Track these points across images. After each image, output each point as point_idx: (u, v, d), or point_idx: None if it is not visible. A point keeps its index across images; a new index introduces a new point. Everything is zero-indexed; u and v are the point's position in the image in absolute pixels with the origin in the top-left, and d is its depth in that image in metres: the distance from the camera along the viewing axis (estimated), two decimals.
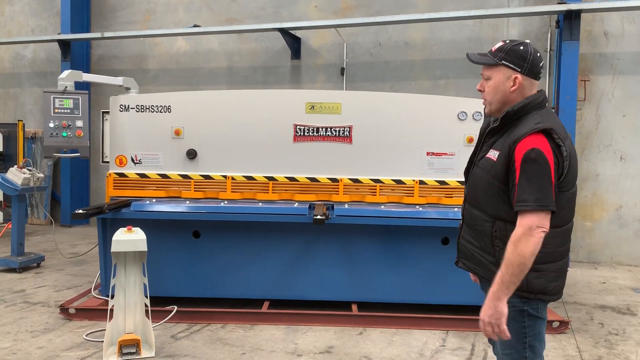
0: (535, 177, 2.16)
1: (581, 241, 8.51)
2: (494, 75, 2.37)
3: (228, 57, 10.19)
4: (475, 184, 2.43)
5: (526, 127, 2.24)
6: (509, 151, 2.24)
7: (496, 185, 2.31)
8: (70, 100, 5.34)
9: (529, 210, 2.16)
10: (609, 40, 8.30)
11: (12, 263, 6.78)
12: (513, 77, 2.33)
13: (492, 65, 2.37)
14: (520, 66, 2.32)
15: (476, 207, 2.42)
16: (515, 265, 2.15)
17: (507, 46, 2.35)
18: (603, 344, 4.66)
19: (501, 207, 2.30)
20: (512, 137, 2.26)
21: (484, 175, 2.36)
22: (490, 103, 2.41)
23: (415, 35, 9.19)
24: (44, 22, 11.41)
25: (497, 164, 2.30)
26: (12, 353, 4.16)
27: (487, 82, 2.41)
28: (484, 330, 2.25)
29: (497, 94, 2.37)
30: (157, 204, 5.13)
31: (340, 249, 5.19)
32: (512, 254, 2.16)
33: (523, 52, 2.33)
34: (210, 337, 4.60)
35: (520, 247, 2.14)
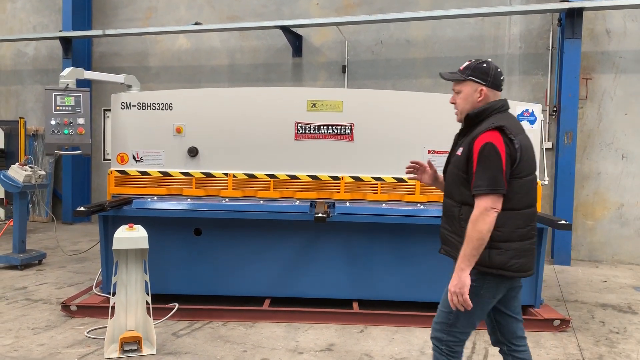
0: (488, 166, 2.58)
1: (582, 240, 8.51)
2: (463, 89, 2.81)
3: (230, 55, 10.18)
4: (449, 178, 2.86)
5: (484, 126, 2.68)
6: (469, 146, 2.67)
7: (460, 175, 2.73)
8: (71, 98, 5.35)
9: (483, 194, 2.58)
10: (611, 39, 8.29)
11: (14, 260, 6.79)
12: (479, 89, 2.77)
13: (462, 81, 2.81)
14: (484, 80, 2.77)
15: (449, 197, 2.86)
16: (475, 240, 2.55)
17: (473, 65, 2.80)
18: (604, 342, 4.66)
19: (464, 193, 2.72)
20: (473, 135, 2.70)
21: (453, 170, 2.80)
22: (461, 112, 2.84)
23: (417, 33, 9.17)
24: (46, 19, 11.41)
25: (462, 158, 2.72)
26: (13, 350, 4.17)
27: (458, 95, 2.84)
28: (451, 300, 2.62)
29: (467, 104, 2.81)
30: (159, 202, 5.14)
31: (342, 247, 5.19)
32: (471, 231, 2.57)
33: (486, 68, 2.78)
34: (212, 334, 4.61)
35: (478, 225, 2.55)
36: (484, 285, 2.68)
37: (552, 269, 7.53)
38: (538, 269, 5.12)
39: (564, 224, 4.41)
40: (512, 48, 8.78)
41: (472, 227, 2.57)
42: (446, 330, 2.78)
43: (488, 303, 2.76)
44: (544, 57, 8.61)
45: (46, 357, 4.04)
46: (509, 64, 8.79)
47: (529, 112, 5.23)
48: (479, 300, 2.67)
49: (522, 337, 2.96)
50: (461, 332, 2.79)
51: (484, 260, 2.61)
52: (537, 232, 2.85)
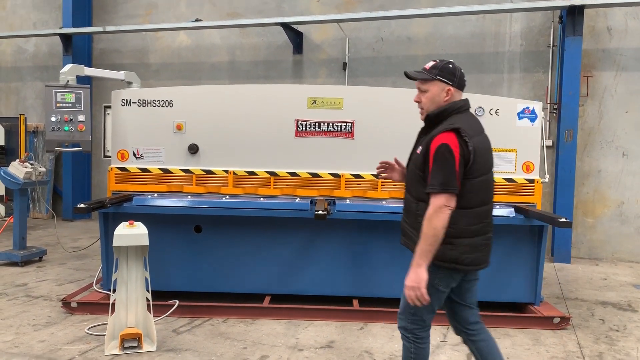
0: (442, 166, 2.69)
1: (582, 237, 8.51)
2: (430, 88, 2.88)
3: (230, 52, 10.17)
4: (409, 175, 2.98)
5: (442, 127, 2.78)
6: (427, 146, 2.78)
7: (417, 173, 2.85)
8: (72, 95, 5.34)
9: (437, 192, 2.70)
10: (612, 36, 8.28)
11: (14, 257, 6.80)
12: (446, 89, 2.86)
13: (429, 80, 2.88)
14: (451, 80, 2.87)
15: (408, 192, 2.99)
16: (430, 236, 2.68)
17: (440, 65, 2.88)
18: (604, 340, 4.67)
19: (420, 190, 2.83)
20: (431, 135, 2.80)
21: (412, 167, 2.93)
22: (427, 111, 2.92)
23: (417, 30, 9.16)
24: (46, 15, 11.40)
25: (420, 157, 2.84)
26: (14, 346, 4.18)
27: (423, 94, 2.91)
28: (408, 295, 2.72)
29: (433, 103, 2.89)
30: (159, 199, 5.14)
31: (342, 244, 5.20)
32: (427, 227, 2.69)
33: (452, 69, 2.88)
34: (212, 331, 4.62)
35: (433, 222, 2.68)
36: (437, 276, 2.82)
37: (552, 266, 7.54)
38: (538, 267, 5.13)
39: (565, 221, 4.40)
40: (513, 45, 8.77)
41: (427, 224, 2.70)
42: (410, 319, 2.93)
43: (443, 292, 2.91)
44: (544, 55, 8.60)
45: (47, 353, 4.05)
46: (510, 61, 8.78)
47: (529, 110, 5.22)
48: (434, 291, 2.82)
49: (475, 322, 3.06)
50: (423, 319, 2.94)
51: (438, 255, 2.73)
52: (492, 227, 2.99)
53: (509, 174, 5.24)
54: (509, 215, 4.97)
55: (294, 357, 4.10)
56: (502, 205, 5.15)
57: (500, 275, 5.18)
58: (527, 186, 5.24)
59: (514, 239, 5.13)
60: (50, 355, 4.02)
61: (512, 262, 5.17)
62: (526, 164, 5.24)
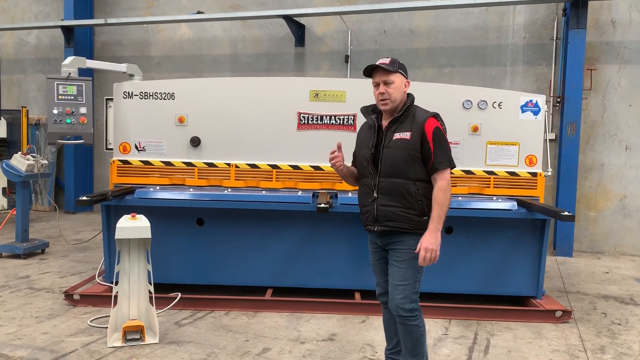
0: (444, 145, 3.16)
1: (585, 231, 8.50)
2: (396, 80, 3.21)
3: (232, 44, 10.14)
4: (394, 159, 3.16)
5: (422, 114, 3.21)
6: (421, 130, 3.13)
7: (416, 155, 3.14)
8: (73, 87, 5.33)
9: (446, 167, 3.13)
10: (616, 29, 8.23)
11: (17, 249, 6.82)
12: (405, 81, 3.28)
13: (394, 72, 3.20)
14: (407, 74, 3.30)
15: (397, 176, 3.17)
16: (446, 205, 3.11)
17: (396, 61, 3.24)
18: (606, 333, 4.67)
19: (420, 171, 3.16)
20: (418, 121, 3.17)
21: (403, 151, 3.15)
22: (394, 100, 3.22)
23: (420, 23, 9.12)
24: (47, 7, 11.38)
25: (413, 140, 3.14)
26: (17, 338, 4.19)
27: (389, 86, 3.20)
28: (424, 256, 3.05)
29: (399, 93, 3.23)
30: (161, 192, 5.14)
31: (344, 237, 5.20)
32: (443, 197, 3.09)
33: (404, 66, 3.31)
34: (214, 323, 4.63)
35: (447, 192, 3.11)
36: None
37: (554, 260, 7.54)
38: (540, 260, 5.12)
39: (567, 215, 4.39)
40: (516, 38, 8.73)
41: (443, 194, 3.10)
42: (414, 298, 3.20)
43: None
44: (548, 48, 8.56)
45: (49, 345, 4.06)
46: (513, 54, 8.74)
47: (532, 103, 5.20)
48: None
49: None
50: (419, 292, 3.25)
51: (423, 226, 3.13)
52: None
53: (511, 167, 5.22)
54: (512, 209, 4.96)
55: (296, 350, 4.11)
56: (504, 198, 5.14)
57: (502, 268, 5.18)
58: (529, 179, 5.23)
59: (516, 233, 5.13)
60: (53, 347, 4.03)
61: (514, 255, 5.16)
62: (529, 157, 5.23)
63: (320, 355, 4.02)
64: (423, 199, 3.15)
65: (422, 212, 3.15)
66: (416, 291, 3.21)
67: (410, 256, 3.16)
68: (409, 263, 3.17)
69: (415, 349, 3.25)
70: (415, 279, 3.19)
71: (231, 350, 4.07)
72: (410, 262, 3.17)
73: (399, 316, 3.20)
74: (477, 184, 5.21)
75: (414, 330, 3.21)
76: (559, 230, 8.09)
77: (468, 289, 5.22)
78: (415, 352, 3.26)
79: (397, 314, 3.20)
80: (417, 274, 3.21)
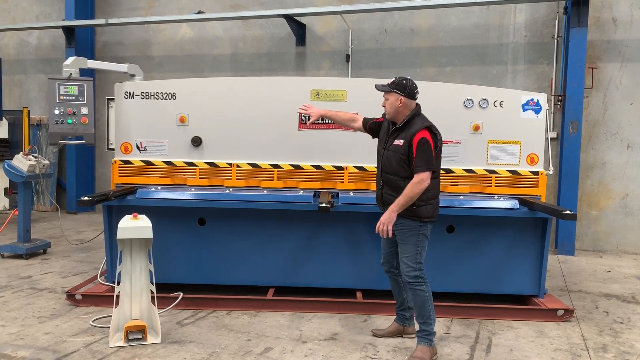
0: (423, 153, 3.84)
1: (587, 229, 8.50)
2: (389, 97, 4.00)
3: (233, 44, 10.14)
4: (390, 160, 4.00)
5: (416, 126, 3.92)
6: (410, 139, 3.88)
7: (405, 159, 3.91)
8: (75, 87, 5.33)
9: (421, 171, 3.83)
10: (618, 27, 8.22)
11: (19, 249, 6.83)
12: (400, 98, 3.95)
13: (388, 92, 4.00)
14: (403, 92, 3.95)
15: (393, 174, 3.99)
16: (409, 197, 3.83)
17: (396, 81, 3.99)
18: (608, 332, 4.67)
19: (407, 171, 3.91)
20: (410, 131, 3.90)
21: (396, 155, 3.95)
22: (389, 113, 4.04)
23: (421, 22, 9.11)
24: (48, 8, 11.38)
25: (404, 147, 3.90)
26: (19, 338, 4.20)
27: (386, 101, 4.04)
28: (379, 227, 3.92)
29: (392, 108, 4.00)
30: (163, 191, 5.14)
31: (345, 237, 5.20)
32: (409, 190, 3.83)
33: (404, 84, 3.96)
34: (216, 323, 4.63)
35: (413, 188, 3.82)
36: (427, 228, 3.99)
37: (556, 259, 7.53)
38: (542, 259, 5.12)
39: (569, 214, 4.39)
40: (517, 37, 8.72)
41: (410, 188, 3.82)
42: (417, 267, 3.96)
43: (428, 239, 4.02)
44: (549, 46, 8.55)
45: (52, 345, 4.07)
46: (514, 52, 8.73)
47: (534, 102, 5.20)
48: (424, 239, 3.99)
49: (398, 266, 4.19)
50: (422, 263, 3.99)
51: (424, 213, 3.91)
52: None
53: (513, 166, 5.22)
54: (513, 208, 4.95)
55: (298, 349, 4.11)
56: (506, 197, 5.14)
57: (504, 267, 5.18)
58: (531, 178, 5.23)
59: (517, 231, 5.13)
60: (55, 347, 4.04)
61: (516, 254, 5.16)
62: (530, 156, 5.22)
63: (322, 355, 4.02)
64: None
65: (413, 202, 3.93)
66: (418, 261, 3.95)
67: (407, 235, 3.96)
68: (407, 240, 3.97)
69: (422, 312, 3.96)
70: (415, 251, 3.95)
71: (233, 349, 4.07)
72: (409, 239, 3.96)
73: (406, 282, 3.99)
74: (478, 183, 5.20)
75: (419, 293, 3.95)
76: (560, 229, 8.08)
77: (470, 288, 5.22)
78: (422, 315, 3.97)
79: (405, 281, 4.01)
80: (417, 248, 3.95)
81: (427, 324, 3.97)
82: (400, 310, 4.38)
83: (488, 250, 5.15)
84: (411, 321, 4.32)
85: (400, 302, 4.35)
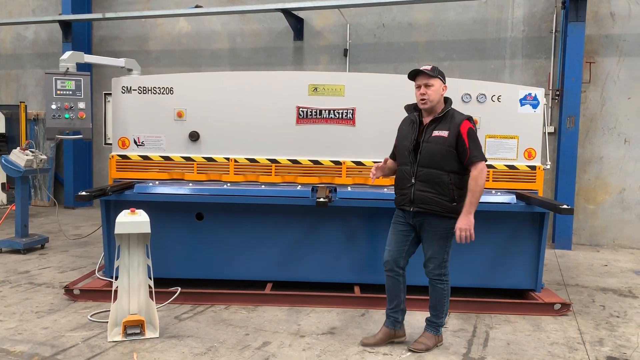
0: (477, 142, 3.76)
1: (584, 224, 8.52)
2: (435, 83, 3.79)
3: (230, 39, 10.11)
4: (432, 153, 3.76)
5: (458, 116, 3.80)
6: (457, 130, 3.73)
7: (452, 151, 3.73)
8: (72, 82, 5.32)
9: (479, 161, 3.71)
10: (615, 22, 8.21)
11: (17, 244, 6.82)
12: (443, 86, 3.86)
13: (434, 77, 3.79)
14: (444, 79, 3.87)
15: (434, 167, 3.76)
16: (478, 192, 3.70)
17: (436, 68, 3.84)
18: (604, 326, 4.69)
19: (454, 165, 3.75)
20: (455, 122, 3.76)
21: (441, 147, 3.74)
22: (432, 101, 3.80)
23: (419, 16, 9.09)
24: (45, 2, 11.33)
25: (450, 138, 3.73)
26: (17, 333, 4.20)
27: (429, 88, 3.78)
28: (460, 235, 3.69)
29: (437, 95, 3.81)
30: (160, 186, 5.14)
31: (343, 232, 5.20)
32: (475, 185, 3.69)
33: (443, 73, 3.87)
34: (214, 318, 4.64)
35: (479, 180, 3.70)
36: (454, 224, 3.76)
37: (553, 253, 7.55)
38: (539, 253, 5.13)
39: (566, 208, 4.40)
40: (515, 31, 8.71)
41: (475, 183, 3.69)
42: (444, 265, 3.90)
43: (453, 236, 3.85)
44: (547, 41, 8.54)
45: (50, 340, 4.07)
46: (512, 47, 8.72)
47: (531, 96, 5.20)
48: (452, 236, 3.82)
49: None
50: (448, 261, 3.93)
51: (454, 209, 3.75)
52: None
53: (510, 160, 5.23)
54: (510, 202, 4.96)
55: (296, 344, 4.12)
56: (503, 192, 5.15)
57: (501, 261, 5.19)
58: (528, 173, 5.23)
59: (515, 226, 5.14)
60: (53, 342, 4.04)
61: (513, 248, 5.17)
62: (528, 151, 5.23)
63: (320, 349, 4.03)
64: (454, 188, 3.75)
65: (452, 199, 3.75)
66: (444, 260, 3.90)
67: (440, 236, 3.83)
68: (439, 242, 3.84)
69: (437, 306, 3.99)
70: (444, 252, 3.87)
71: (231, 344, 4.08)
72: (439, 240, 3.84)
73: (431, 278, 3.95)
74: None
75: (439, 290, 3.95)
76: (557, 223, 8.11)
77: (467, 282, 5.23)
78: (436, 308, 4.00)
79: (429, 277, 3.96)
80: (446, 249, 3.88)
81: (439, 317, 4.02)
82: (393, 313, 4.10)
83: (485, 245, 5.16)
84: (402, 325, 4.13)
85: (395, 304, 4.08)
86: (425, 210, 3.80)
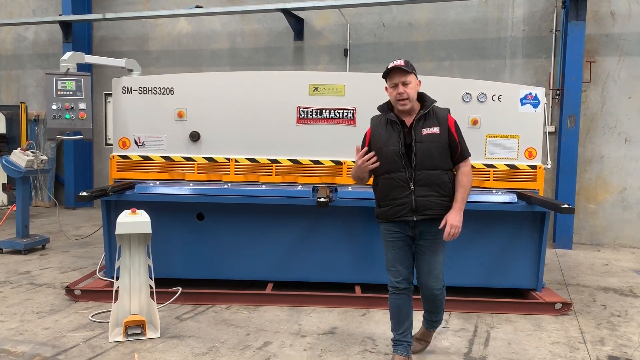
0: (462, 137, 3.61)
1: (584, 223, 8.52)
2: (412, 80, 3.50)
3: (231, 39, 10.11)
4: (429, 153, 3.46)
5: (440, 110, 3.59)
6: (446, 124, 3.52)
7: (446, 147, 3.52)
8: (72, 82, 5.32)
9: (469, 155, 3.61)
10: (616, 21, 8.21)
11: (18, 245, 6.83)
12: (418, 81, 3.59)
13: (409, 73, 3.48)
14: (417, 75, 3.57)
15: (433, 168, 3.48)
16: (469, 188, 3.55)
17: (409, 62, 3.53)
18: (605, 325, 4.68)
19: (449, 162, 3.56)
20: (441, 117, 3.55)
21: (435, 145, 3.48)
22: (412, 100, 3.51)
23: (419, 16, 9.09)
24: (45, 3, 11.33)
25: (442, 134, 3.50)
26: (19, 334, 4.20)
27: (407, 86, 3.48)
28: (450, 231, 3.41)
29: (415, 91, 3.54)
30: (161, 187, 5.14)
31: (344, 231, 5.20)
32: (468, 182, 3.54)
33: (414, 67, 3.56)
34: (215, 318, 4.64)
35: (470, 177, 3.57)
36: None
37: (554, 252, 7.55)
38: (540, 253, 5.13)
39: (567, 207, 4.40)
40: (516, 31, 8.71)
41: (467, 179, 3.54)
42: (442, 277, 3.65)
43: None
44: (547, 40, 8.54)
45: (51, 340, 4.08)
46: (512, 47, 8.72)
47: (532, 96, 5.20)
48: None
49: None
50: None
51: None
52: None
53: (511, 160, 5.23)
54: (511, 202, 4.96)
55: (297, 343, 4.12)
56: (504, 191, 5.15)
57: (502, 261, 5.19)
58: (529, 172, 5.23)
59: (516, 225, 5.13)
60: (54, 342, 4.05)
61: (514, 248, 5.17)
62: (528, 150, 5.23)
63: (321, 349, 4.03)
64: (452, 186, 3.56)
65: (452, 198, 3.53)
66: (443, 271, 3.64)
67: (440, 244, 3.56)
68: (441, 248, 3.58)
69: (438, 310, 3.81)
70: (443, 260, 3.63)
71: (232, 344, 4.08)
72: (441, 248, 3.59)
73: (433, 295, 3.66)
74: (476, 177, 5.20)
75: (440, 300, 3.73)
76: (558, 222, 8.10)
77: (468, 281, 5.23)
78: (437, 312, 3.83)
79: (433, 293, 3.66)
80: (444, 254, 3.63)
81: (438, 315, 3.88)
82: (404, 337, 3.70)
83: (486, 245, 5.16)
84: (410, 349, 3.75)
85: (406, 326, 3.69)
86: (430, 217, 3.48)
